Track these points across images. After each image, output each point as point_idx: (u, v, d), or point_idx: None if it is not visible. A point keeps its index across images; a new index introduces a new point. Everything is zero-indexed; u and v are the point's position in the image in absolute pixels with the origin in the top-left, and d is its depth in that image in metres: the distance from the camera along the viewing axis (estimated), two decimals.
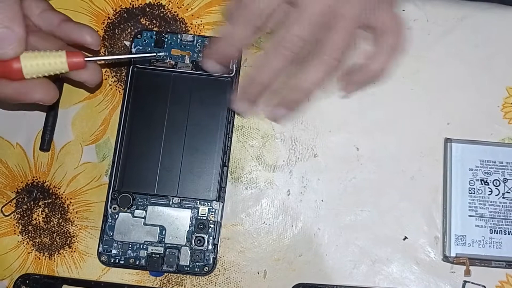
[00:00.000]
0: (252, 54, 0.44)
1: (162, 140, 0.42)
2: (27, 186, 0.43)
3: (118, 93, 0.44)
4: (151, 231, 0.41)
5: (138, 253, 0.41)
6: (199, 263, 0.41)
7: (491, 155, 0.42)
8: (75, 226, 0.43)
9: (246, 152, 0.44)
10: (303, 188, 0.43)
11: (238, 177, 0.43)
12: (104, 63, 0.44)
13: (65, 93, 0.44)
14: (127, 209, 0.42)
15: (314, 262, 0.42)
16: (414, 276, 0.41)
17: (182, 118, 0.43)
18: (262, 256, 0.42)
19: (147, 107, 0.43)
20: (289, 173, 0.43)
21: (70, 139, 0.44)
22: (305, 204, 0.43)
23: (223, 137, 0.43)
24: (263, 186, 0.43)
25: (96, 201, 0.43)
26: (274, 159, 0.43)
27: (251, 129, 0.44)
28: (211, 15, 0.45)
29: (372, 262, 0.42)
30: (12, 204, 0.43)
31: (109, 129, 0.44)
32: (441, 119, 0.44)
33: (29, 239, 0.42)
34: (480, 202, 0.41)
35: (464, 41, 0.45)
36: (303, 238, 0.42)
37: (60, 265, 0.42)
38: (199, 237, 0.41)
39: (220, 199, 0.42)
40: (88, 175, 0.43)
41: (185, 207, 0.42)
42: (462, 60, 0.44)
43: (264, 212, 0.43)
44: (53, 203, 0.43)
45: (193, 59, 0.43)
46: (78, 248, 0.42)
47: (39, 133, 0.43)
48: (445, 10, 0.45)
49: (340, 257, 0.42)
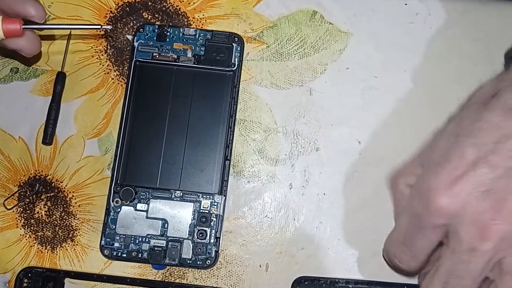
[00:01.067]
0: (254, 48, 0.44)
1: (164, 133, 0.42)
2: (30, 180, 0.43)
3: (120, 87, 0.44)
4: (153, 225, 0.41)
5: (140, 246, 0.41)
6: (201, 256, 0.41)
7: None
8: (77, 219, 0.43)
9: (248, 145, 0.44)
10: (305, 182, 0.43)
11: (240, 170, 0.43)
12: (107, 59, 0.45)
13: (68, 86, 0.44)
14: (130, 203, 0.42)
15: (316, 256, 0.42)
16: None
17: (184, 112, 0.43)
18: (264, 250, 0.42)
19: (149, 101, 0.43)
20: (291, 167, 0.43)
21: (73, 132, 0.44)
22: (307, 198, 0.43)
23: (225, 131, 0.43)
24: (265, 180, 0.43)
25: (98, 194, 0.43)
26: (276, 153, 0.43)
27: (253, 123, 0.44)
28: (213, 9, 0.45)
29: (374, 255, 0.42)
30: (15, 198, 0.43)
31: (111, 123, 0.44)
32: (442, 113, 0.44)
33: (32, 233, 0.42)
34: None
35: (466, 36, 0.45)
36: (305, 231, 0.42)
37: (63, 258, 0.42)
38: (201, 231, 0.41)
39: (222, 192, 0.42)
40: (91, 168, 0.43)
41: (187, 201, 0.42)
42: (463, 54, 0.44)
43: (266, 206, 0.43)
44: (56, 196, 0.43)
45: (195, 53, 0.44)
46: (81, 242, 0.42)
47: (41, 127, 0.43)
48: (447, 4, 0.45)
49: (342, 250, 0.42)
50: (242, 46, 0.44)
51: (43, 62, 0.45)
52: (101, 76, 0.45)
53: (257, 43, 0.45)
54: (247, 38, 0.45)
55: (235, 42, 0.44)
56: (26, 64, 0.44)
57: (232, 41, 0.44)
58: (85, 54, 0.45)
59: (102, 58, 0.45)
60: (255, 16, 0.45)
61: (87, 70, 0.45)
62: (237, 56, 0.44)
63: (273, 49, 0.45)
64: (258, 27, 0.45)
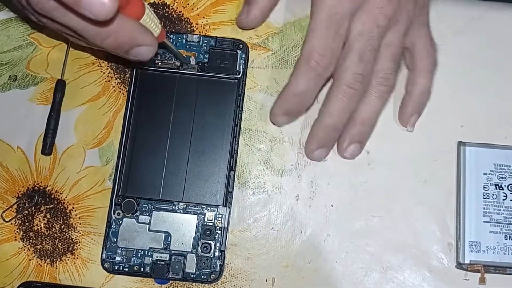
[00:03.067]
0: (259, 55, 0.43)
1: (167, 143, 0.41)
2: (28, 191, 0.42)
3: (122, 95, 0.43)
4: (156, 238, 0.40)
5: (142, 260, 0.40)
6: (206, 271, 0.40)
7: (505, 159, 0.41)
8: (77, 232, 0.41)
9: (253, 156, 0.42)
10: (312, 193, 0.42)
11: (245, 181, 0.42)
12: (108, 66, 0.43)
13: (68, 95, 0.43)
14: (131, 215, 0.40)
15: (324, 269, 0.41)
16: (427, 283, 0.40)
17: (188, 121, 0.42)
18: (271, 263, 0.41)
19: (152, 110, 0.42)
20: (297, 178, 0.42)
21: (73, 142, 0.43)
22: (314, 210, 0.42)
23: (229, 141, 0.41)
24: (271, 191, 0.42)
25: (99, 206, 0.42)
26: (282, 163, 0.42)
27: (258, 132, 0.43)
28: (217, 14, 0.44)
29: (384, 269, 0.41)
30: (13, 210, 0.42)
31: (112, 132, 0.43)
32: (454, 122, 0.43)
33: (30, 246, 0.41)
34: (494, 208, 0.40)
35: (477, 42, 0.44)
36: (312, 244, 0.41)
37: (62, 272, 0.41)
38: (206, 244, 0.40)
39: (227, 204, 0.41)
40: (91, 179, 0.42)
41: (191, 213, 0.41)
42: (474, 61, 0.43)
43: (272, 218, 0.42)
44: (55, 208, 0.42)
45: (198, 60, 0.42)
46: (81, 255, 0.41)
47: (40, 136, 0.42)
48: (457, 10, 0.44)
49: (350, 264, 0.41)
50: (247, 53, 0.43)
51: (42, 69, 0.44)
52: (102, 84, 0.43)
53: (262, 49, 0.44)
54: (252, 44, 0.43)
55: (239, 49, 0.43)
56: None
57: (237, 48, 0.43)
58: (86, 61, 0.44)
59: (103, 66, 0.44)
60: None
61: (88, 78, 0.43)
62: (242, 63, 0.42)
63: (278, 56, 0.44)
64: (263, 33, 0.44)
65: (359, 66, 0.38)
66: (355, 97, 0.39)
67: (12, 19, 0.44)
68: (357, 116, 0.40)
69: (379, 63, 0.39)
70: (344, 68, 0.39)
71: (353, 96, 0.39)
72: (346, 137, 0.41)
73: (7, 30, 0.44)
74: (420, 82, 0.41)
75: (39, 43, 0.44)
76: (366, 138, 0.41)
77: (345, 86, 0.39)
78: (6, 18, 0.44)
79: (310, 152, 0.41)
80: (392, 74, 0.40)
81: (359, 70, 0.38)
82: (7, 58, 0.44)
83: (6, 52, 0.44)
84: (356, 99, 0.39)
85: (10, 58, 0.44)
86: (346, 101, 0.39)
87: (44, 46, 0.44)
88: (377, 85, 0.39)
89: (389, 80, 0.39)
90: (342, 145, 0.41)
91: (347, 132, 0.41)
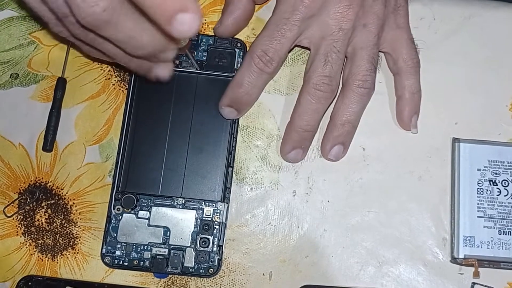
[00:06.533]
0: None
1: (166, 140, 0.42)
2: (30, 187, 0.43)
3: (121, 92, 0.44)
4: (155, 232, 0.41)
5: (142, 254, 0.41)
6: (204, 265, 0.41)
7: (499, 155, 0.41)
8: (78, 227, 0.42)
9: (251, 152, 0.43)
10: (309, 189, 0.42)
11: (243, 177, 0.43)
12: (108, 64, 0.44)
13: (68, 92, 0.44)
14: (131, 210, 0.41)
15: (321, 264, 0.41)
16: (422, 278, 0.41)
17: (187, 118, 0.42)
18: (268, 258, 0.41)
19: (151, 107, 0.42)
20: (294, 174, 0.43)
21: (73, 139, 0.43)
22: (311, 205, 0.42)
23: (228, 137, 0.42)
24: (269, 187, 0.42)
25: (99, 202, 0.42)
26: (279, 160, 0.43)
27: (256, 129, 0.43)
28: (215, 14, 0.45)
29: (379, 263, 0.41)
30: (15, 205, 0.42)
31: (112, 129, 0.43)
32: (448, 119, 0.43)
33: (32, 241, 0.42)
34: (488, 203, 0.41)
35: (472, 40, 0.44)
36: (309, 239, 0.42)
37: (63, 266, 0.42)
38: (204, 239, 0.41)
39: (225, 200, 0.41)
40: (92, 175, 0.43)
41: (190, 208, 0.41)
42: (469, 59, 0.44)
43: (270, 213, 0.42)
44: (56, 204, 0.42)
45: (197, 59, 0.43)
46: (81, 250, 0.42)
47: (41, 133, 0.43)
48: (452, 8, 0.45)
49: (346, 258, 0.41)
50: (245, 51, 0.43)
51: (43, 67, 0.44)
52: (102, 82, 0.44)
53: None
54: (249, 43, 0.44)
55: (237, 47, 0.43)
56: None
57: (235, 47, 0.43)
58: (86, 60, 0.44)
59: (103, 64, 0.44)
60: (257, 21, 0.44)
61: (88, 76, 0.44)
62: (240, 61, 0.43)
63: None
64: None
65: (324, 68, 0.39)
66: (323, 99, 0.40)
67: (14, 18, 0.45)
68: (337, 118, 0.41)
69: (355, 65, 0.40)
70: (311, 71, 0.40)
71: (321, 98, 0.40)
72: (329, 139, 0.41)
73: (8, 29, 0.45)
74: (408, 84, 0.42)
75: (40, 41, 0.45)
76: (348, 139, 0.42)
77: (313, 88, 0.40)
78: (8, 17, 0.45)
79: (285, 153, 0.42)
80: (370, 76, 0.40)
81: (325, 73, 0.39)
82: (9, 57, 0.44)
83: (7, 51, 0.45)
84: (324, 101, 0.40)
85: (12, 56, 0.44)
86: (314, 103, 0.40)
87: (45, 45, 0.45)
88: (355, 87, 0.40)
89: (367, 82, 0.40)
90: (325, 147, 0.42)
91: (329, 134, 0.41)
